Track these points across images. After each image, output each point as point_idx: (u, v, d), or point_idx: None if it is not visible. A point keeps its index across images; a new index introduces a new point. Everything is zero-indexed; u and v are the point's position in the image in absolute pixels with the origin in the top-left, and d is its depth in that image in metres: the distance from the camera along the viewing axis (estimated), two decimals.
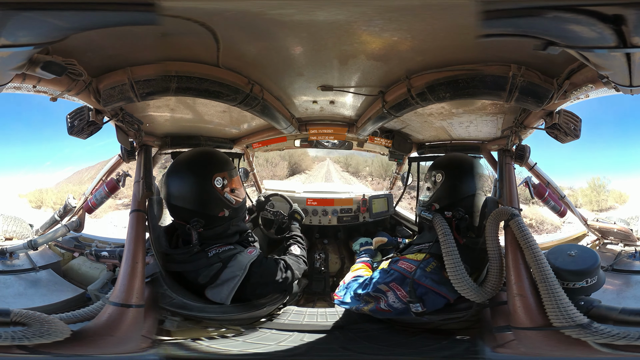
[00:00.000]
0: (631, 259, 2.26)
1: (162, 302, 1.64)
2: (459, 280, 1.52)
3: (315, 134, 2.46)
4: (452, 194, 1.87)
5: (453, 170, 1.92)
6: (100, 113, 1.59)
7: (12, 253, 2.15)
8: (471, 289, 1.52)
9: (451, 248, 1.58)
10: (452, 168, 1.93)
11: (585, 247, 1.59)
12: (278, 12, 1.14)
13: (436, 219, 1.74)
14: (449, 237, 1.62)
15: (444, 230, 1.65)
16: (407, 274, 1.67)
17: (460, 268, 1.53)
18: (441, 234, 1.65)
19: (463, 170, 1.92)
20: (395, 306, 1.67)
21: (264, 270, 1.81)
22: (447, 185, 1.89)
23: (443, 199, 1.88)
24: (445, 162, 2.00)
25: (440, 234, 1.65)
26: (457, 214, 1.79)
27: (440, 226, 1.68)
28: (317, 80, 1.69)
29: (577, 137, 1.62)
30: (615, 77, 1.14)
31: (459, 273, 1.53)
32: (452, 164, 1.97)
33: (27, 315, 1.30)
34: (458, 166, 1.94)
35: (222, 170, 1.82)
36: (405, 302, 1.64)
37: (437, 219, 1.73)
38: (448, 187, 1.89)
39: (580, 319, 1.30)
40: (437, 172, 1.94)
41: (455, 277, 1.53)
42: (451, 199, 1.86)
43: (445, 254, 1.57)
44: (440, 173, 1.92)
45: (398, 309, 1.67)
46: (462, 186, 1.87)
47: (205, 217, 1.76)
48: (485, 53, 1.36)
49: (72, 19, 1.00)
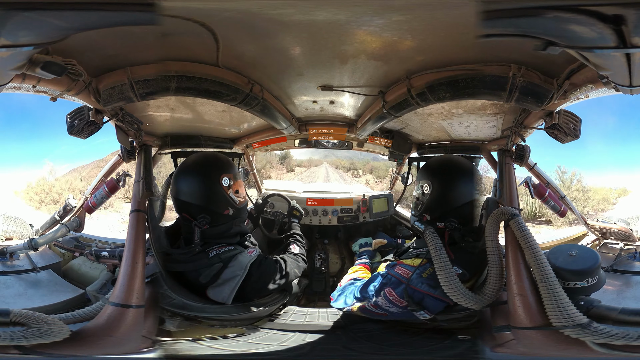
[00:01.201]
0: (631, 259, 2.26)
1: (162, 302, 1.64)
2: (455, 293, 1.50)
3: (315, 134, 2.46)
4: (443, 204, 1.82)
5: (441, 179, 1.85)
6: (100, 113, 1.59)
7: (12, 254, 2.15)
8: (469, 299, 1.51)
9: (443, 262, 1.55)
10: (440, 177, 1.85)
11: (586, 247, 1.59)
12: (278, 12, 1.14)
13: (427, 232, 1.70)
14: (440, 252, 1.58)
15: (435, 245, 1.61)
16: (402, 280, 1.65)
17: (454, 281, 1.51)
18: (432, 248, 1.61)
19: (451, 179, 1.84)
20: (390, 310, 1.66)
21: (264, 270, 1.82)
22: (436, 195, 1.83)
23: (434, 210, 1.83)
24: (430, 171, 1.92)
25: (431, 249, 1.61)
26: (449, 225, 1.75)
27: (432, 240, 1.64)
28: (317, 80, 1.69)
29: (577, 137, 1.61)
30: (615, 77, 1.14)
31: (454, 286, 1.50)
32: (439, 171, 1.89)
33: (26, 316, 1.30)
34: (445, 174, 1.87)
35: (229, 171, 1.92)
36: (402, 306, 1.63)
37: (428, 233, 1.69)
38: (437, 198, 1.83)
39: (580, 318, 1.30)
40: (424, 182, 1.88)
41: (451, 291, 1.51)
42: (442, 209, 1.81)
43: (438, 269, 1.54)
44: (427, 183, 1.86)
45: (394, 312, 1.66)
46: (452, 195, 1.81)
47: (212, 213, 1.83)
48: (485, 53, 1.36)
49: (72, 19, 1.00)
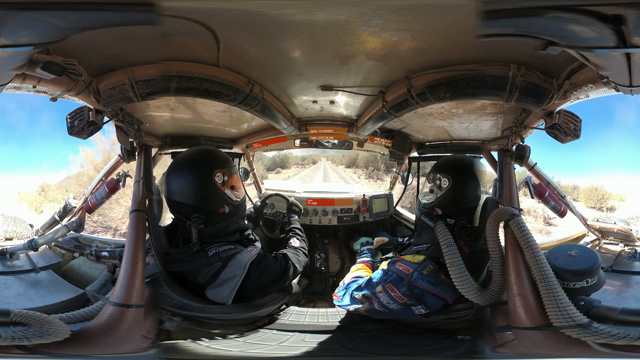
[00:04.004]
0: (631, 259, 2.26)
1: (162, 302, 1.64)
2: (466, 288, 1.51)
3: (315, 134, 2.46)
4: (459, 202, 1.82)
5: (461, 177, 1.85)
6: (100, 113, 1.59)
7: (12, 254, 2.15)
8: (479, 295, 1.52)
9: (455, 258, 1.55)
10: (461, 175, 1.85)
11: (586, 247, 1.59)
12: (278, 12, 1.14)
13: (438, 227, 1.69)
14: (452, 248, 1.58)
15: (447, 241, 1.61)
16: (403, 276, 1.66)
17: (466, 276, 1.52)
18: (444, 244, 1.61)
19: (472, 179, 1.85)
20: (390, 307, 1.66)
21: (264, 268, 1.80)
22: (454, 192, 1.83)
23: (447, 206, 1.83)
24: (453, 166, 1.92)
25: (443, 244, 1.61)
26: (460, 223, 1.76)
27: (443, 236, 1.63)
28: (317, 80, 1.69)
29: (577, 137, 1.61)
30: (615, 77, 1.14)
31: (466, 281, 1.52)
32: (461, 170, 1.88)
33: (27, 316, 1.30)
34: (467, 174, 1.86)
35: (222, 167, 1.83)
36: (401, 303, 1.64)
37: (440, 228, 1.68)
38: (454, 195, 1.83)
39: (580, 319, 1.30)
40: (443, 175, 1.87)
41: (463, 286, 1.51)
42: (456, 207, 1.82)
43: (449, 265, 1.55)
44: (447, 178, 1.85)
45: (394, 310, 1.66)
46: (469, 196, 1.83)
47: (206, 212, 1.76)
48: (485, 53, 1.36)
49: (72, 19, 1.00)
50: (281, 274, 1.83)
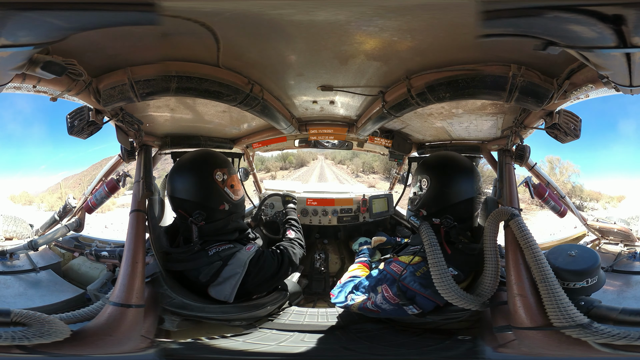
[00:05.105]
0: (631, 259, 2.26)
1: (162, 302, 1.64)
2: (447, 292, 1.49)
3: (315, 134, 2.46)
4: (440, 200, 1.79)
5: (440, 175, 1.82)
6: (100, 113, 1.59)
7: (12, 254, 2.15)
8: (461, 298, 1.49)
9: (437, 259, 1.53)
10: (439, 173, 1.83)
11: (586, 247, 1.59)
12: (278, 12, 1.14)
13: (422, 228, 1.68)
14: (435, 248, 1.57)
15: (430, 241, 1.59)
16: (396, 277, 1.65)
17: (447, 280, 1.49)
18: (427, 244, 1.59)
19: (451, 175, 1.81)
20: (383, 307, 1.66)
21: (262, 264, 1.83)
22: (434, 191, 1.81)
23: (431, 206, 1.81)
24: (430, 165, 1.90)
25: (426, 244, 1.60)
26: (445, 222, 1.73)
27: (427, 236, 1.62)
28: (317, 80, 1.69)
29: (577, 137, 1.61)
30: (615, 77, 1.14)
31: (446, 284, 1.49)
32: (439, 167, 1.86)
33: (27, 315, 1.30)
34: (445, 170, 1.83)
35: (222, 166, 1.90)
36: (394, 304, 1.63)
37: (423, 228, 1.67)
38: (435, 194, 1.80)
39: (580, 319, 1.29)
40: (422, 176, 1.85)
41: (443, 288, 1.49)
42: (439, 205, 1.79)
43: (431, 265, 1.53)
44: (426, 178, 1.83)
45: (386, 309, 1.65)
46: (450, 192, 1.79)
47: (207, 209, 1.82)
48: (485, 53, 1.36)
49: (72, 19, 1.00)
50: (278, 268, 1.87)
